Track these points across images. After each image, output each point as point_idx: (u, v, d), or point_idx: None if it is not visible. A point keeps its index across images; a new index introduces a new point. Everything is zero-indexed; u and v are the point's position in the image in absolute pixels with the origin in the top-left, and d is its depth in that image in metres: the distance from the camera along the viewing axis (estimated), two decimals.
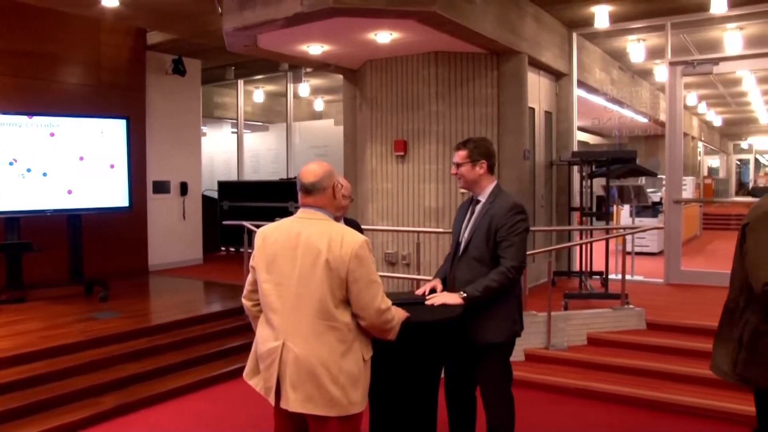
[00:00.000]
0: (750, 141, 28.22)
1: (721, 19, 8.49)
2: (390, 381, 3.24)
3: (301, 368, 2.77)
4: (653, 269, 9.35)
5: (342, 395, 2.78)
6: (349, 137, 9.24)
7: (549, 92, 9.28)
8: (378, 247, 8.12)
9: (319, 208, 2.95)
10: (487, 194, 3.67)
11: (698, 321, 6.45)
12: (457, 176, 3.69)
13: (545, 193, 9.08)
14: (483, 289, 3.46)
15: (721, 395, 5.25)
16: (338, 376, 2.78)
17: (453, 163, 3.71)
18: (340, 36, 7.00)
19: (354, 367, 2.83)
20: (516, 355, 6.24)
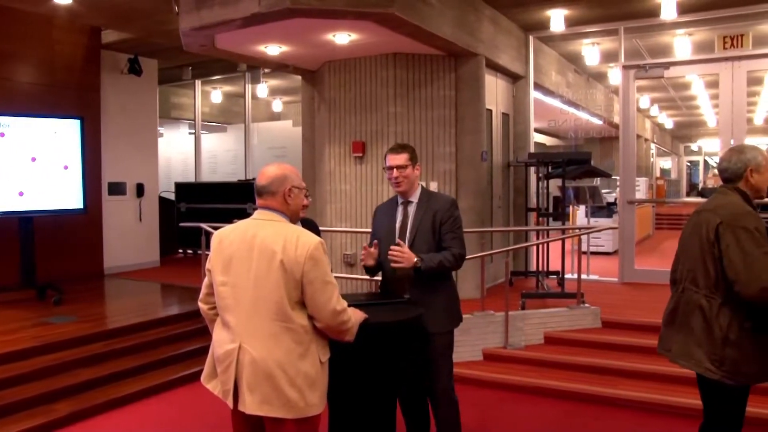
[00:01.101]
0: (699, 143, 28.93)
1: (672, 25, 8.70)
2: (348, 382, 3.24)
3: (258, 370, 2.76)
4: (608, 268, 9.51)
5: (299, 397, 2.78)
6: (308, 138, 9.22)
7: (506, 94, 9.38)
8: (336, 248, 8.12)
9: (275, 209, 2.94)
10: (418, 195, 3.85)
11: (652, 319, 6.57)
12: (399, 178, 3.76)
13: (502, 194, 9.18)
14: (438, 263, 3.63)
15: (675, 390, 5.37)
16: (295, 378, 2.78)
17: (390, 167, 3.77)
18: (298, 37, 6.99)
19: (311, 369, 2.83)
20: (474, 355, 6.34)
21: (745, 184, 3.19)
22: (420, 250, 3.70)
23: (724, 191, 3.26)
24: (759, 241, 3.00)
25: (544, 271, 8.16)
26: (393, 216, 3.90)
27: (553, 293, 7.41)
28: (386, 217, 3.94)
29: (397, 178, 3.76)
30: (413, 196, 3.85)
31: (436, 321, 3.67)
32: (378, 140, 7.79)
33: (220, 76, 13.00)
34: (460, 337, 5.71)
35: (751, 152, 3.20)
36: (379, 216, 4.02)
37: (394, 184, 3.81)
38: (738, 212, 3.10)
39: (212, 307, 3.02)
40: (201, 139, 13.43)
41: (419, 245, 3.72)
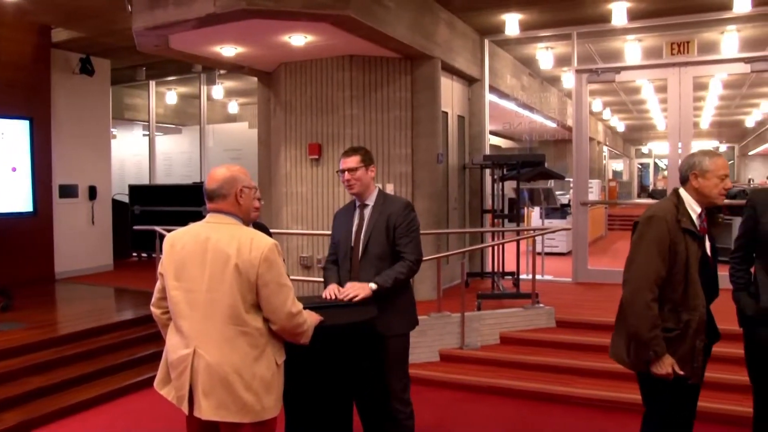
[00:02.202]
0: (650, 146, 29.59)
1: (622, 30, 8.90)
2: (304, 384, 3.23)
3: (213, 375, 2.73)
4: (562, 269, 9.66)
5: (255, 401, 2.76)
6: (264, 140, 9.16)
7: (462, 97, 9.46)
8: (293, 251, 8.08)
9: (228, 212, 2.92)
10: (374, 198, 3.87)
11: (604, 318, 6.69)
12: (351, 181, 3.79)
13: (458, 196, 9.25)
14: (393, 280, 3.65)
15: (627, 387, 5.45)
16: (251, 381, 2.76)
17: (343, 170, 3.80)
18: (253, 38, 6.94)
19: (267, 372, 2.81)
20: (431, 356, 6.37)
21: (690, 187, 3.26)
22: (373, 253, 3.73)
23: (669, 194, 3.36)
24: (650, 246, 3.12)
25: (499, 272, 8.24)
26: (350, 220, 3.91)
27: (509, 294, 7.50)
28: (344, 221, 3.95)
29: (349, 180, 3.79)
30: (369, 199, 3.87)
31: (391, 324, 3.69)
32: (334, 142, 7.78)
33: (175, 77, 12.83)
34: (416, 339, 5.75)
35: (699, 157, 3.26)
36: (338, 220, 4.05)
37: (347, 187, 3.84)
38: (650, 214, 3.20)
39: (165, 311, 2.98)
40: (155, 140, 13.24)
41: (373, 249, 3.75)
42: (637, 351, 3.18)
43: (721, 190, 3.24)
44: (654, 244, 3.12)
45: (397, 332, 3.77)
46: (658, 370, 3.13)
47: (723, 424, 4.91)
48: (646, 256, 3.13)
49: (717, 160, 3.24)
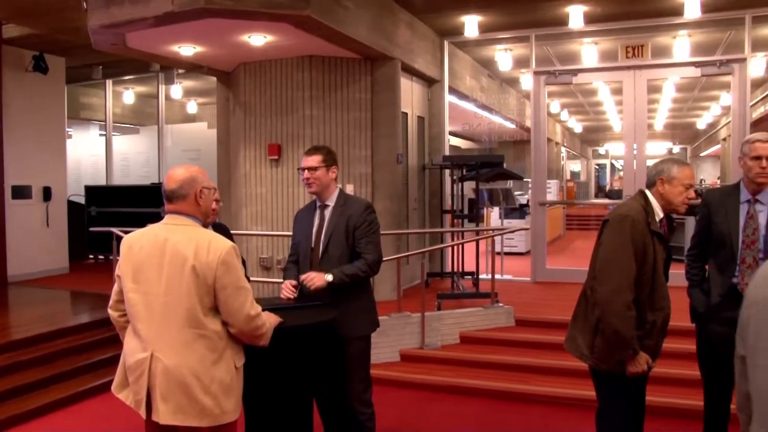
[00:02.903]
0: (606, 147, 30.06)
1: (579, 33, 9.03)
2: (264, 387, 3.22)
3: (170, 379, 2.71)
4: (521, 268, 9.76)
5: (214, 405, 2.74)
6: (223, 141, 9.09)
7: (421, 98, 9.51)
8: (252, 252, 8.03)
9: (187, 214, 2.89)
10: (334, 198, 3.87)
11: (563, 316, 6.79)
12: (310, 180, 3.78)
13: (418, 196, 9.29)
14: (351, 275, 3.66)
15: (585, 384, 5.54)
16: (210, 385, 2.73)
17: (303, 168, 3.79)
18: (212, 37, 6.88)
19: (226, 376, 2.79)
20: (391, 356, 6.39)
21: (656, 192, 3.31)
22: (333, 254, 3.73)
23: (635, 195, 3.41)
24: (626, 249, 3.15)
25: (459, 272, 8.30)
26: (311, 220, 3.91)
27: (468, 293, 7.55)
28: (304, 222, 3.95)
29: (308, 179, 3.78)
30: (330, 199, 3.86)
31: (351, 325, 3.70)
32: (294, 143, 7.75)
33: (133, 76, 12.64)
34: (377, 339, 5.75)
35: (668, 164, 3.32)
36: (298, 220, 4.04)
37: (307, 186, 3.83)
38: (622, 213, 3.24)
39: (123, 314, 2.94)
40: (112, 140, 13.02)
41: (333, 250, 3.75)
42: (614, 350, 3.19)
43: (685, 199, 3.29)
44: (630, 244, 3.16)
45: (358, 334, 3.79)
46: (635, 368, 3.17)
47: (675, 418, 5.02)
48: (624, 255, 3.16)
49: (685, 169, 3.30)
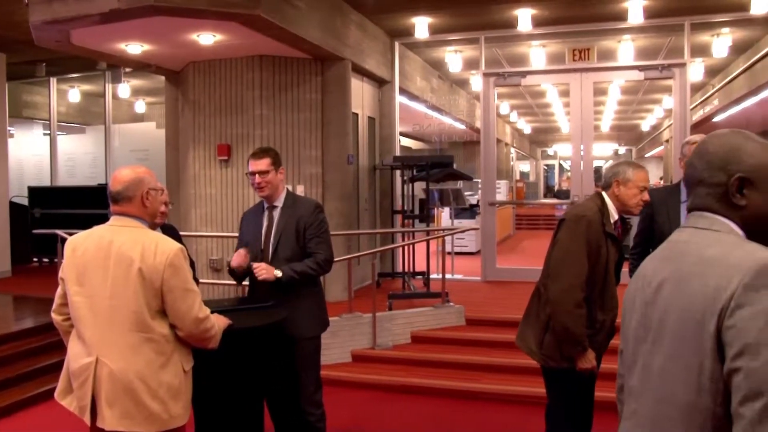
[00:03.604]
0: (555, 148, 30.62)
1: (527, 36, 9.18)
2: (214, 389, 3.19)
3: (116, 384, 2.65)
4: (472, 268, 9.84)
5: (162, 409, 2.69)
6: (172, 141, 8.95)
7: (372, 98, 9.53)
8: (202, 253, 7.94)
9: (133, 215, 2.83)
10: (282, 199, 3.86)
11: (513, 315, 6.86)
12: (261, 183, 3.75)
13: (369, 197, 9.30)
14: (301, 272, 3.65)
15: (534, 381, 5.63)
16: (157, 389, 2.69)
17: (253, 172, 3.75)
18: (160, 35, 6.78)
19: (174, 380, 2.75)
20: (343, 357, 6.38)
21: (611, 193, 3.39)
22: (284, 256, 3.71)
23: (592, 196, 3.49)
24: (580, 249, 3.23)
25: (410, 272, 8.35)
26: (259, 221, 3.88)
27: (419, 293, 7.60)
28: (252, 223, 3.92)
29: (259, 183, 3.75)
30: (278, 200, 3.85)
31: (301, 326, 3.69)
32: (244, 143, 7.69)
33: (78, 74, 12.35)
34: (328, 340, 5.75)
35: (624, 166, 3.41)
36: (246, 222, 4.01)
37: (257, 189, 3.79)
38: (579, 213, 3.32)
39: (67, 318, 2.87)
40: (57, 140, 12.70)
41: (283, 251, 3.74)
42: (564, 347, 3.26)
43: (639, 201, 3.37)
44: (584, 244, 3.23)
45: (308, 334, 3.78)
46: (584, 365, 3.25)
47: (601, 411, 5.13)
48: (577, 255, 3.23)
49: (640, 171, 3.39)
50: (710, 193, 1.53)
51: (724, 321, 1.33)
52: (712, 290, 1.36)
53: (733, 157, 1.51)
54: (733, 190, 1.49)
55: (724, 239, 1.47)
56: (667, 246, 1.60)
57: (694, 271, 1.44)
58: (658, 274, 1.56)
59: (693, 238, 1.52)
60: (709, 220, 1.52)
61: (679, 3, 7.94)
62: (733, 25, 9.04)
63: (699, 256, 1.46)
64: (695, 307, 1.39)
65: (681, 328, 1.43)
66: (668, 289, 1.50)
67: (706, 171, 1.54)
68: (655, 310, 1.53)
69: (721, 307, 1.33)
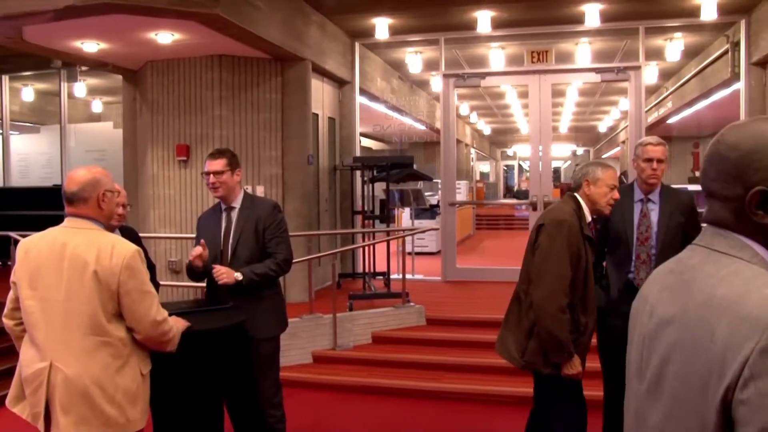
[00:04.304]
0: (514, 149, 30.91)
1: (487, 38, 9.27)
2: (174, 393, 3.16)
3: (72, 390, 2.60)
4: (432, 268, 9.88)
5: (119, 414, 2.66)
6: (129, 141, 8.83)
7: (332, 99, 9.52)
8: (161, 255, 7.84)
9: (88, 217, 2.78)
10: (240, 201, 3.84)
11: (473, 314, 6.97)
12: (216, 184, 3.73)
13: (329, 197, 9.29)
14: (261, 274, 3.65)
15: (493, 380, 5.73)
16: (114, 394, 2.65)
17: (208, 173, 3.74)
18: (117, 34, 6.68)
19: (131, 384, 2.71)
20: (304, 358, 6.37)
21: (583, 194, 3.43)
22: (243, 257, 3.70)
23: (564, 198, 3.51)
24: (562, 254, 3.24)
25: (370, 273, 8.36)
26: (217, 223, 3.86)
27: (380, 294, 7.62)
28: (210, 225, 3.90)
29: (214, 183, 3.73)
30: (235, 201, 3.83)
31: (260, 327, 3.68)
32: (203, 143, 7.62)
33: (32, 72, 12.08)
34: (289, 341, 5.75)
35: (592, 167, 3.46)
36: (203, 223, 3.98)
37: (212, 190, 3.78)
38: (558, 217, 3.34)
39: (19, 322, 2.81)
40: (10, 140, 12.42)
41: (242, 252, 3.72)
42: (550, 354, 3.27)
43: (610, 200, 3.42)
44: (566, 248, 3.24)
45: (267, 335, 3.77)
46: (571, 371, 3.26)
47: None
48: (560, 260, 3.24)
49: (608, 170, 3.44)
50: (725, 207, 1.22)
51: (735, 393, 1.04)
52: (720, 347, 1.08)
53: (751, 162, 1.18)
54: (752, 208, 1.18)
55: (741, 272, 1.15)
56: (676, 267, 1.32)
57: (701, 316, 1.15)
58: (662, 306, 1.29)
59: (705, 266, 1.22)
60: (727, 241, 1.22)
61: (633, 7, 8.11)
62: (684, 30, 9.28)
63: (709, 295, 1.16)
64: (699, 366, 1.12)
65: (682, 388, 1.17)
66: (672, 333, 1.22)
67: (717, 182, 1.23)
68: (654, 351, 1.28)
69: (731, 375, 1.05)
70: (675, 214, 3.79)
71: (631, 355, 1.41)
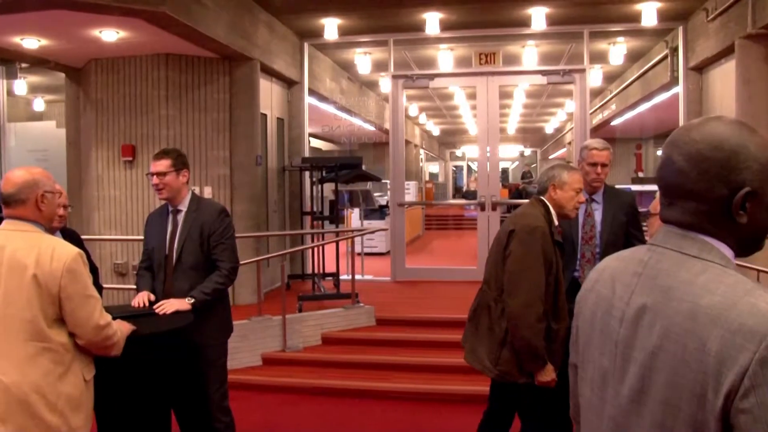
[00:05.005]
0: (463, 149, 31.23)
1: (435, 39, 9.35)
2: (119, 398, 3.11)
3: (10, 398, 2.51)
4: (381, 268, 9.93)
5: (61, 422, 2.58)
6: (73, 141, 8.63)
7: (281, 99, 9.47)
8: (106, 258, 7.67)
9: (27, 219, 2.69)
10: (187, 203, 3.76)
11: (422, 314, 7.02)
12: (160, 185, 3.67)
13: (278, 198, 9.24)
14: (211, 291, 3.58)
15: (443, 379, 5.78)
16: (56, 402, 2.57)
17: (152, 174, 3.68)
18: (60, 30, 6.51)
19: (74, 390, 2.64)
20: (253, 360, 6.33)
21: (549, 198, 3.43)
22: (187, 263, 3.65)
23: (532, 202, 3.50)
24: (537, 264, 3.23)
25: (320, 274, 8.34)
26: (164, 225, 3.78)
27: (329, 294, 7.60)
28: (157, 226, 3.82)
29: (157, 184, 3.66)
30: (182, 204, 3.75)
31: (206, 332, 3.63)
32: (149, 144, 7.48)
33: None
34: (238, 343, 5.71)
35: (558, 170, 3.45)
36: (150, 225, 3.90)
37: (156, 191, 3.71)
38: (531, 224, 3.32)
39: None
40: None
41: (186, 258, 3.67)
42: (525, 363, 3.25)
43: (576, 203, 3.43)
44: (541, 255, 3.23)
45: (213, 341, 3.72)
46: (544, 378, 3.25)
47: None
48: (534, 267, 3.22)
49: (574, 173, 3.45)
50: (704, 211, 1.23)
51: (735, 402, 1.07)
52: (715, 360, 1.10)
53: (737, 163, 1.20)
54: (736, 209, 1.20)
55: (720, 278, 1.17)
56: (643, 271, 1.30)
57: (688, 328, 1.15)
58: (632, 298, 1.29)
59: (679, 271, 1.22)
60: (698, 245, 1.23)
61: (578, 12, 8.29)
62: (627, 35, 9.53)
63: (693, 305, 1.16)
64: (692, 376, 1.13)
65: (674, 397, 1.16)
66: (652, 340, 1.21)
67: (701, 182, 1.21)
68: (632, 359, 1.26)
69: (729, 384, 1.07)
70: (618, 214, 3.89)
71: (593, 358, 1.39)
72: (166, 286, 3.70)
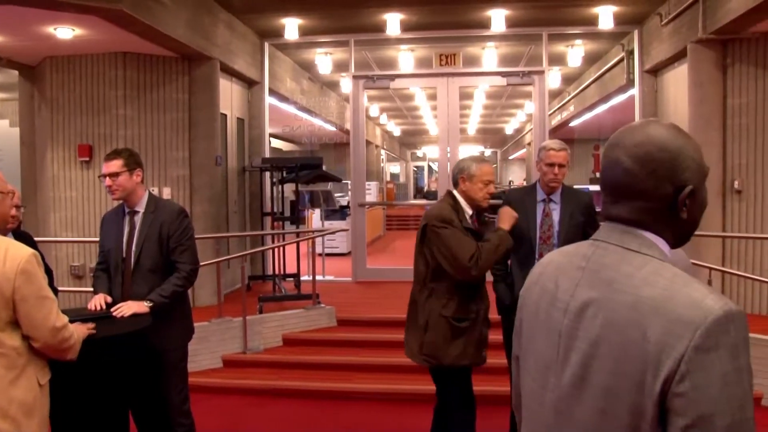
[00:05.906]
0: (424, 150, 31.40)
1: (396, 40, 9.39)
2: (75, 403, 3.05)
3: None
4: (343, 269, 9.93)
5: (14, 429, 2.49)
6: (27, 140, 8.44)
7: (241, 99, 9.40)
8: (63, 260, 7.53)
9: None
10: (144, 203, 3.69)
11: (383, 314, 7.03)
12: (113, 187, 3.60)
13: (238, 199, 9.17)
14: (170, 294, 3.54)
15: (404, 379, 5.79)
16: (8, 407, 2.48)
17: (104, 175, 3.62)
18: (12, 26, 6.37)
19: (27, 395, 2.55)
20: (213, 362, 6.29)
21: (460, 190, 3.59)
22: (145, 265, 3.60)
23: (444, 196, 3.66)
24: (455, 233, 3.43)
25: (280, 275, 8.31)
26: (120, 227, 3.70)
27: (290, 295, 7.58)
28: (113, 227, 3.74)
29: (110, 186, 3.59)
30: (139, 205, 3.68)
31: (167, 337, 3.59)
32: (106, 144, 7.36)
33: None
34: (198, 345, 5.65)
35: (467, 162, 3.60)
36: (106, 226, 3.81)
37: (109, 192, 3.64)
38: (438, 214, 3.50)
39: None
40: None
41: (145, 261, 3.60)
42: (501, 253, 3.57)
43: (485, 195, 3.56)
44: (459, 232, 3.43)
45: (172, 345, 3.68)
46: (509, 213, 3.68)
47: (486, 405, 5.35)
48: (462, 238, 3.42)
49: (483, 166, 3.57)
50: (649, 208, 1.31)
51: (672, 387, 1.14)
52: (654, 347, 1.16)
53: (680, 163, 1.29)
54: (681, 205, 1.29)
55: (659, 272, 1.24)
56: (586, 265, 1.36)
57: (630, 318, 1.21)
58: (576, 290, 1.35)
59: (621, 265, 1.29)
60: (639, 240, 1.31)
61: (537, 14, 8.40)
62: (585, 38, 9.68)
63: (635, 296, 1.23)
64: (632, 363, 1.19)
65: (615, 384, 1.22)
66: (594, 330, 1.27)
67: (649, 181, 1.29)
68: (574, 348, 1.31)
69: (667, 370, 1.14)
70: (575, 214, 3.97)
71: (536, 349, 1.44)
72: (124, 289, 3.63)
